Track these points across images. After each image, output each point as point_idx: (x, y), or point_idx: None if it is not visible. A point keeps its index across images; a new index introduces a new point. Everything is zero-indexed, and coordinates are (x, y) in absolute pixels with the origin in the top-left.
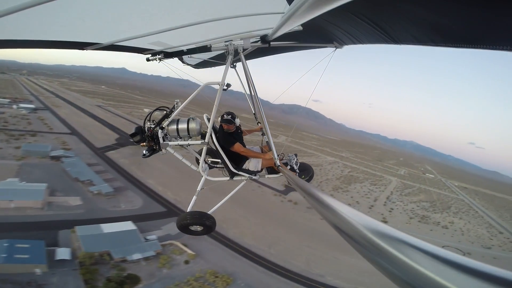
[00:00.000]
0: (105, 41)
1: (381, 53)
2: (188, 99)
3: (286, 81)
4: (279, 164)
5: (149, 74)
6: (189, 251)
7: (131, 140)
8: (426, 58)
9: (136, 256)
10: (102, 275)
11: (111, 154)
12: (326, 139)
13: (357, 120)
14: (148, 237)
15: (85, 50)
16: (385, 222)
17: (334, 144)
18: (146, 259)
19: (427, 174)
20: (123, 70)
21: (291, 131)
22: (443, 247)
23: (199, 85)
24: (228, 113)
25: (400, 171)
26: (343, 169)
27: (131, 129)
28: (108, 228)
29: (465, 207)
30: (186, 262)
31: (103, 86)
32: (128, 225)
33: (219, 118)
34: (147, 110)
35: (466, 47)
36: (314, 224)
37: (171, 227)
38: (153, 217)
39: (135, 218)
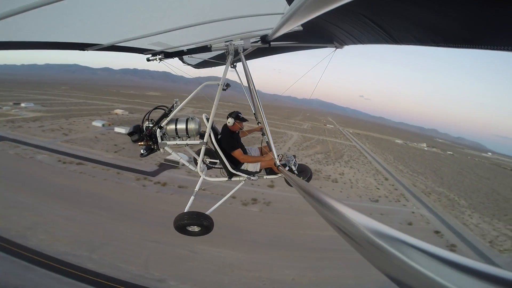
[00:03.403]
0: (105, 41)
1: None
2: (188, 98)
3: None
4: (279, 164)
5: (19, 64)
6: None
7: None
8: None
9: None
10: None
11: None
12: (240, 106)
13: (270, 86)
14: None
15: (85, 51)
16: (271, 186)
17: (247, 109)
18: None
19: (327, 125)
20: None
21: (202, 102)
22: None
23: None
24: (235, 113)
25: (304, 126)
26: None
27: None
28: None
29: (356, 153)
30: None
31: None
32: None
33: (229, 118)
34: None
35: (466, 47)
36: (182, 209)
37: None
38: None
39: None
